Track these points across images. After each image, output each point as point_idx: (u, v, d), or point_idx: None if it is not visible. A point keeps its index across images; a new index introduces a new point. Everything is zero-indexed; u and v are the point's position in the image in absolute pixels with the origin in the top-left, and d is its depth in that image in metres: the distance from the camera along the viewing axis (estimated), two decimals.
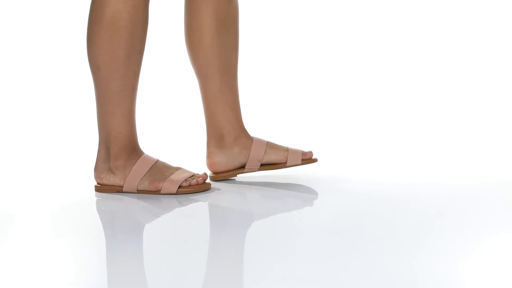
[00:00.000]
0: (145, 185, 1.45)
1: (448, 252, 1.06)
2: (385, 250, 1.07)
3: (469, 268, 1.00)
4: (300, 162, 1.57)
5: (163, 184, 1.44)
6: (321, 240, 1.13)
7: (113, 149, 1.44)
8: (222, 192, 1.50)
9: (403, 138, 2.24)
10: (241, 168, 1.58)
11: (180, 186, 1.44)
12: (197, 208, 1.40)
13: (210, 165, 1.58)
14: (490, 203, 1.39)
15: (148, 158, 1.46)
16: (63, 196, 1.50)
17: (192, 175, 1.47)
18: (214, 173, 1.59)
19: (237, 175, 1.60)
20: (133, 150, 1.46)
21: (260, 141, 1.58)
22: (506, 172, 1.72)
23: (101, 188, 1.48)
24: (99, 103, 1.44)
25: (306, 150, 1.60)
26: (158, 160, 1.47)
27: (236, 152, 1.57)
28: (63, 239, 1.16)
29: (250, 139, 1.58)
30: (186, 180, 1.45)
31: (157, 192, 1.44)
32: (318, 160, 1.60)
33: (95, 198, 1.45)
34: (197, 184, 1.45)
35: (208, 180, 1.57)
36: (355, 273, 0.96)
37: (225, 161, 1.57)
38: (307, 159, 1.58)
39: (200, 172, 1.50)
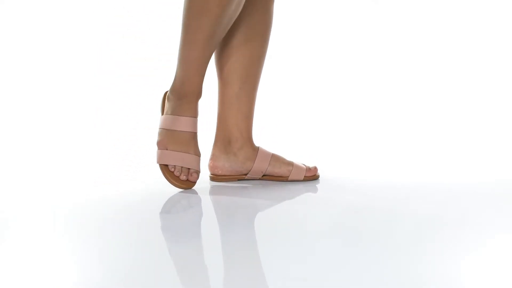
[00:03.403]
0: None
1: (448, 252, 1.06)
2: (385, 250, 1.07)
3: (469, 268, 1.01)
4: (302, 178, 1.58)
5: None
6: (320, 240, 1.13)
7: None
8: (222, 190, 1.50)
9: (403, 138, 2.24)
10: (242, 175, 1.58)
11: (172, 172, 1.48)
12: (197, 207, 1.40)
13: (211, 167, 1.58)
14: (490, 203, 1.39)
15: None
16: (63, 196, 1.50)
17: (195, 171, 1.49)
18: (215, 175, 1.59)
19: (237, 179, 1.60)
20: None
21: (265, 153, 1.58)
22: (506, 172, 1.72)
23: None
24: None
25: (310, 165, 1.61)
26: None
27: (240, 160, 1.57)
28: (64, 239, 1.16)
29: (255, 150, 1.58)
30: (182, 170, 1.47)
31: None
32: (319, 176, 1.62)
33: (97, 197, 1.46)
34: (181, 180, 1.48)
35: (207, 180, 1.57)
36: (354, 273, 0.96)
37: (227, 167, 1.57)
38: (310, 176, 1.59)
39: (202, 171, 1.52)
